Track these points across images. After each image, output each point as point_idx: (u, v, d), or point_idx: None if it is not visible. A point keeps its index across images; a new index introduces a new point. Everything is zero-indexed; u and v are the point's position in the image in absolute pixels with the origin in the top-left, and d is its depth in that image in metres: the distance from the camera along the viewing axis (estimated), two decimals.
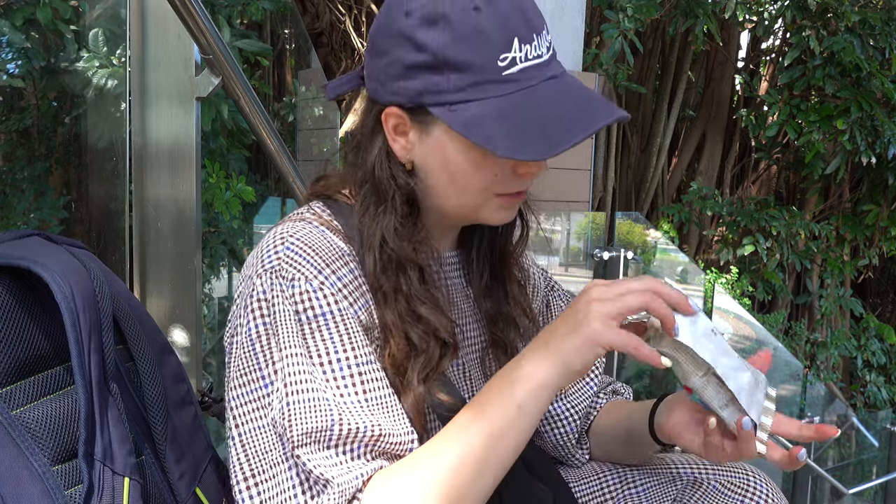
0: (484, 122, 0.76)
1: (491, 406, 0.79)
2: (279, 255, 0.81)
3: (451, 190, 0.85)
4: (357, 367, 0.79)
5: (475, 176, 0.83)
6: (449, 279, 0.97)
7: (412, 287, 0.85)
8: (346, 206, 0.90)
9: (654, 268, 4.06)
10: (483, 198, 0.85)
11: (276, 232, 0.84)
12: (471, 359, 0.98)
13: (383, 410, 0.80)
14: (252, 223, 3.12)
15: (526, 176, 0.84)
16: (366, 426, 0.77)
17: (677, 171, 6.43)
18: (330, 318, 0.79)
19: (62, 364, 0.81)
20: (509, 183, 0.84)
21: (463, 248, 1.00)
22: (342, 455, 0.76)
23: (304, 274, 0.80)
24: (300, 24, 4.16)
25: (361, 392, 0.79)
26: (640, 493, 1.06)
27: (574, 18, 3.42)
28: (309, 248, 0.82)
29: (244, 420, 0.80)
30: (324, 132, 3.76)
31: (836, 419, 5.21)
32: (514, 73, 0.77)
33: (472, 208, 0.87)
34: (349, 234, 0.86)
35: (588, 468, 1.11)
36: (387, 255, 0.84)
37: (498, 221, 0.88)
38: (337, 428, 0.75)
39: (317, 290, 0.79)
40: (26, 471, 0.73)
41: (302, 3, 4.57)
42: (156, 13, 1.47)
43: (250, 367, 0.80)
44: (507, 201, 0.85)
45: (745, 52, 6.78)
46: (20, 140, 2.05)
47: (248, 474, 0.79)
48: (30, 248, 0.83)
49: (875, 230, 5.77)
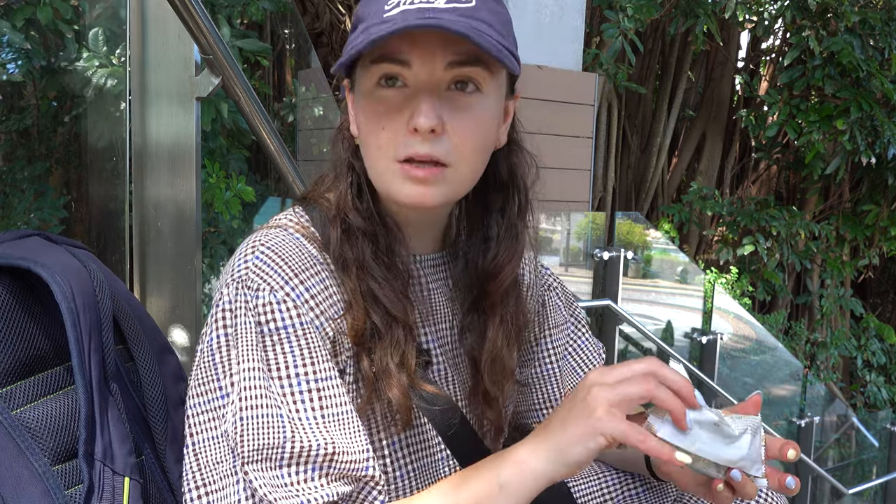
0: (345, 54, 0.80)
1: (476, 479, 0.78)
2: (248, 264, 0.81)
3: (367, 158, 0.85)
4: (315, 383, 0.78)
5: (368, 128, 0.82)
6: (431, 281, 0.95)
7: (365, 258, 0.84)
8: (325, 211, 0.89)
9: (655, 268, 4.06)
10: (385, 161, 0.82)
11: (249, 240, 0.85)
12: (453, 363, 0.98)
13: (339, 427, 0.78)
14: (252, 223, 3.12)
15: (416, 134, 0.79)
16: (318, 444, 0.76)
17: (677, 171, 6.43)
18: (291, 332, 0.79)
19: (62, 364, 0.81)
20: (404, 144, 0.80)
21: (447, 250, 0.98)
22: (293, 476, 0.75)
23: (270, 284, 0.79)
24: (300, 24, 4.16)
25: (318, 408, 0.78)
26: (640, 493, 1.06)
27: (574, 18, 3.42)
28: (278, 258, 0.81)
29: (199, 430, 0.80)
30: (324, 132, 3.75)
31: (836, 419, 5.21)
32: (393, 14, 0.77)
33: (383, 181, 0.83)
34: (325, 242, 0.86)
35: (588, 468, 1.11)
36: (346, 225, 0.86)
37: (406, 198, 0.82)
38: (289, 445, 0.75)
39: (280, 301, 0.79)
40: (26, 471, 0.73)
41: (302, 3, 4.57)
42: (156, 13, 1.47)
43: (209, 377, 0.80)
44: (405, 170, 0.81)
45: (745, 52, 6.78)
46: (20, 140, 2.05)
47: (200, 483, 0.79)
48: (30, 249, 0.83)
49: (875, 230, 5.77)
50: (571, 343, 1.11)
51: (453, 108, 0.80)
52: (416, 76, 0.79)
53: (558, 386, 1.08)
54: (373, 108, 0.81)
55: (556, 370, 1.08)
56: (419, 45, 0.78)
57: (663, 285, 4.07)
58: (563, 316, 1.10)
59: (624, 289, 3.26)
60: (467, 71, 0.80)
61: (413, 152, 0.79)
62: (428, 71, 0.79)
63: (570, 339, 1.11)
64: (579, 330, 1.12)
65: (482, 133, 0.83)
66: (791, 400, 4.77)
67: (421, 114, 0.78)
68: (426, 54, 0.78)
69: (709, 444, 0.75)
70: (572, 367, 1.11)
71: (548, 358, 1.07)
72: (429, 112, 0.78)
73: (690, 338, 3.90)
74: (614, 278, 3.23)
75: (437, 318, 0.96)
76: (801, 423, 4.36)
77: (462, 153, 0.81)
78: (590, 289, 3.26)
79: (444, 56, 0.78)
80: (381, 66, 0.79)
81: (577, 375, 1.10)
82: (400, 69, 0.79)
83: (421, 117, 0.77)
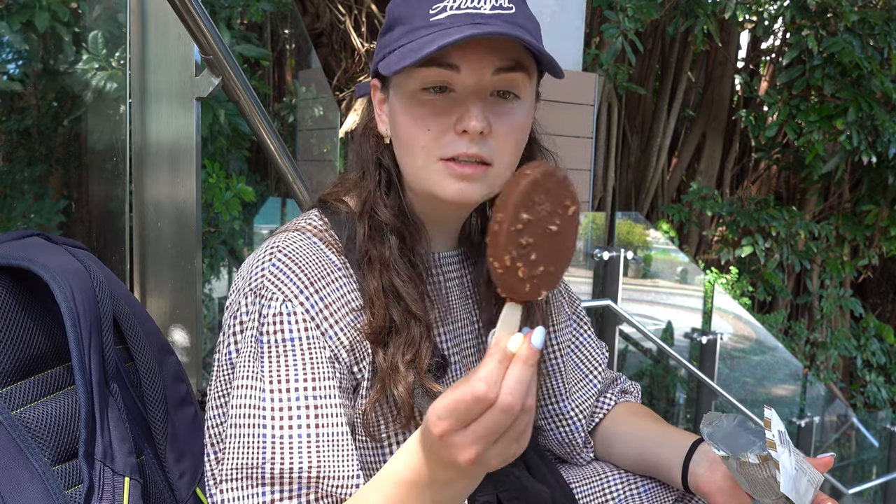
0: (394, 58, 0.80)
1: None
2: (264, 272, 0.82)
3: (405, 156, 0.86)
4: (315, 400, 0.78)
5: (411, 130, 0.83)
6: (448, 279, 0.96)
7: (392, 254, 0.86)
8: (346, 214, 0.90)
9: (655, 268, 4.06)
10: (426, 160, 0.83)
11: (268, 244, 0.85)
12: (466, 361, 0.98)
13: (331, 448, 0.78)
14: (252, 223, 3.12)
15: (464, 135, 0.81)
16: (301, 466, 0.75)
17: (677, 171, 6.43)
18: (297, 345, 0.79)
19: (62, 364, 0.81)
20: (449, 144, 0.82)
21: (463, 247, 1.00)
22: (275, 493, 0.75)
23: (285, 293, 0.80)
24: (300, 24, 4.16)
25: (314, 426, 0.77)
26: (641, 494, 1.06)
27: (574, 18, 3.41)
28: (295, 265, 0.82)
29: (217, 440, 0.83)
30: (324, 132, 3.75)
31: (836, 419, 5.21)
32: (441, 18, 0.79)
33: (423, 178, 0.84)
34: (345, 246, 0.87)
35: (591, 468, 1.11)
36: (373, 221, 0.87)
37: (450, 194, 0.83)
38: (269, 466, 0.75)
39: (291, 313, 0.79)
40: (26, 471, 0.73)
41: (302, 4, 4.57)
42: (156, 14, 1.47)
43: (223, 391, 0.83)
44: (451, 167, 0.82)
45: (744, 52, 6.77)
46: (20, 141, 2.05)
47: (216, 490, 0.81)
48: (30, 249, 0.83)
49: (875, 230, 5.76)
50: (574, 340, 1.12)
51: (497, 113, 0.82)
52: (465, 81, 0.81)
53: (563, 380, 1.09)
54: (417, 111, 0.82)
55: (561, 365, 1.09)
56: (468, 51, 0.79)
57: (663, 285, 4.07)
58: (566, 312, 1.11)
59: (624, 289, 3.26)
60: (511, 76, 0.82)
61: (461, 152, 0.82)
62: (476, 76, 0.81)
63: (573, 336, 1.12)
64: (581, 327, 1.14)
65: (521, 134, 0.86)
66: (791, 400, 4.77)
67: (472, 117, 0.80)
68: (475, 60, 0.80)
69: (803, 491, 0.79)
70: (575, 362, 1.12)
71: (552, 353, 1.08)
72: (479, 116, 0.80)
73: (690, 338, 3.90)
74: (614, 278, 3.23)
75: (454, 318, 0.96)
76: (801, 423, 4.36)
77: (504, 153, 0.84)
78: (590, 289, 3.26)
79: (491, 62, 0.80)
80: (429, 70, 0.80)
81: (580, 371, 1.11)
82: (450, 74, 0.80)
83: (473, 121, 0.80)
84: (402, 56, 0.79)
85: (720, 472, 0.93)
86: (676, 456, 0.98)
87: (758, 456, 0.79)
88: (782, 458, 0.77)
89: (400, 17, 0.82)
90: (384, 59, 0.83)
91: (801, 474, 0.80)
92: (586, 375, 1.11)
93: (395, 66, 0.79)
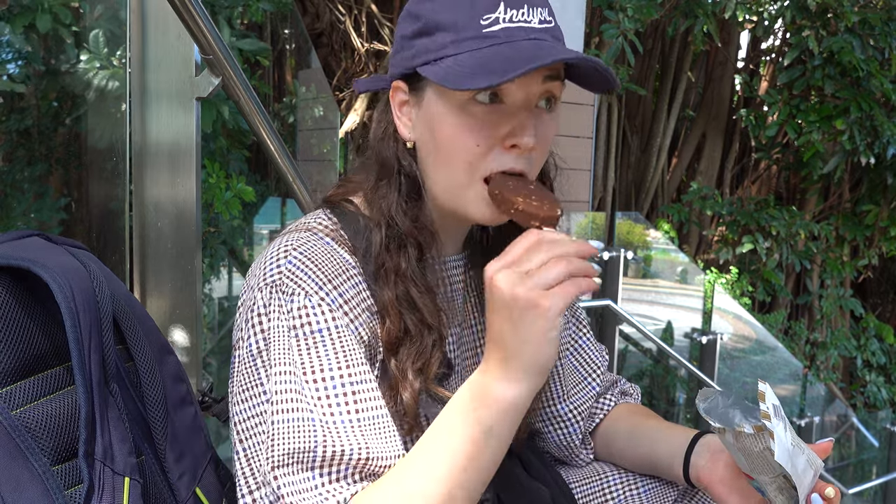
0: (453, 69, 0.77)
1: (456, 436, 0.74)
2: (280, 268, 0.81)
3: (440, 166, 0.83)
4: (351, 386, 0.78)
5: (456, 142, 0.80)
6: (453, 283, 0.96)
7: (410, 265, 0.85)
8: (355, 214, 0.89)
9: (655, 268, 4.06)
10: (469, 178, 0.82)
11: (280, 243, 0.84)
12: (468, 364, 0.98)
13: (375, 431, 0.78)
14: (252, 223, 3.13)
15: (512, 150, 0.80)
16: (352, 448, 0.75)
17: (677, 171, 6.43)
18: (327, 335, 0.79)
19: (62, 364, 0.81)
20: (496, 159, 0.81)
21: (467, 251, 0.99)
22: (324, 476, 0.75)
23: (305, 289, 0.79)
24: (300, 24, 4.16)
25: (354, 411, 0.78)
26: (641, 494, 1.06)
27: (574, 18, 3.41)
28: (311, 263, 0.81)
29: (248, 435, 0.81)
30: (324, 132, 3.75)
31: (836, 419, 5.21)
32: (494, 30, 0.78)
33: (459, 196, 0.83)
34: (356, 245, 0.86)
35: (590, 469, 1.11)
36: (392, 231, 0.85)
37: (485, 219, 0.84)
38: (321, 449, 0.75)
39: (315, 305, 0.79)
40: (26, 471, 0.73)
41: (302, 4, 4.57)
42: (156, 14, 1.47)
43: (251, 382, 0.81)
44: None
45: (745, 52, 6.77)
46: (20, 140, 2.05)
47: (253, 486, 0.80)
48: (30, 249, 0.83)
49: (875, 230, 5.76)
50: (572, 342, 1.12)
51: (539, 124, 0.82)
52: (515, 93, 0.80)
53: (560, 383, 1.09)
54: (466, 120, 0.80)
55: (559, 367, 1.08)
56: None
57: (663, 285, 4.08)
58: (564, 315, 1.10)
59: (624, 289, 3.26)
60: (553, 85, 0.82)
61: (508, 167, 0.81)
62: (526, 88, 0.80)
63: (572, 338, 1.12)
64: (580, 329, 1.13)
65: (551, 143, 0.86)
66: (791, 400, 4.77)
67: (525, 132, 0.79)
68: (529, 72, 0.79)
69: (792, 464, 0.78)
70: (573, 365, 1.11)
71: None
72: (532, 130, 0.79)
73: (690, 338, 3.90)
74: (614, 278, 3.23)
75: (458, 321, 0.96)
76: (801, 423, 4.36)
77: (538, 165, 0.85)
78: None
79: (539, 73, 0.80)
80: None
81: (578, 374, 1.11)
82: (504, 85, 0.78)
83: (526, 136, 0.79)
84: (471, 70, 0.75)
85: (721, 462, 0.92)
86: (678, 449, 0.98)
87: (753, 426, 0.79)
88: (777, 430, 0.77)
89: (443, 23, 0.79)
90: (429, 64, 0.80)
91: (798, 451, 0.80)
92: (584, 378, 1.11)
93: (471, 84, 0.74)
